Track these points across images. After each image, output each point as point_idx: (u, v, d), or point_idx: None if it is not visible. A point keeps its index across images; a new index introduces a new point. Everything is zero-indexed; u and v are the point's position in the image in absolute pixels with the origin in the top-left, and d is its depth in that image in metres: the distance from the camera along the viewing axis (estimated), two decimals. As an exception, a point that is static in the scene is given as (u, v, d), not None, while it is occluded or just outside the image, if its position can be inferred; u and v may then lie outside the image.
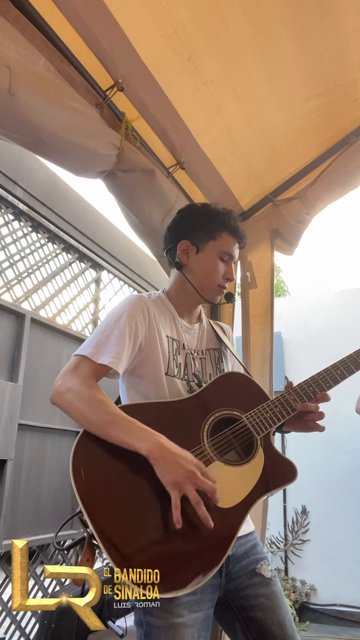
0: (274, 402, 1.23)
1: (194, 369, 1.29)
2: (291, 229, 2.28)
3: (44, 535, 2.60)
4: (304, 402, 1.23)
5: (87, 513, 0.97)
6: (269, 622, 1.12)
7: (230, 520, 1.06)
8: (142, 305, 1.25)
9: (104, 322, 1.21)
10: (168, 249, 1.40)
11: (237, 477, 1.12)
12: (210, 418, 1.17)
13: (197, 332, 1.37)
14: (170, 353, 1.25)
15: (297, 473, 1.16)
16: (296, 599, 3.96)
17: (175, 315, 1.33)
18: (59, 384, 1.09)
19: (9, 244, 2.83)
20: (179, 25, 1.50)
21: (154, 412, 1.14)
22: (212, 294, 1.34)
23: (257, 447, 1.17)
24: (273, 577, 1.18)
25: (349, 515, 4.06)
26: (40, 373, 2.76)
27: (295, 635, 1.14)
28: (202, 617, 1.05)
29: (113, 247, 3.63)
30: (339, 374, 1.26)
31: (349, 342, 4.76)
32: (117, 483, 1.03)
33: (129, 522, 1.00)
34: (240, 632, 1.15)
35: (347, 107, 2.01)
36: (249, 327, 2.30)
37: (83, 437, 1.06)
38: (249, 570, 1.17)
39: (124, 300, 1.27)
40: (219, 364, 1.37)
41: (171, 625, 1.00)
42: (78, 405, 1.06)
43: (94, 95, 1.53)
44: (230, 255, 1.34)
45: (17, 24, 1.28)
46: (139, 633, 1.05)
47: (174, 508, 0.96)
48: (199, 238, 1.33)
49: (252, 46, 1.66)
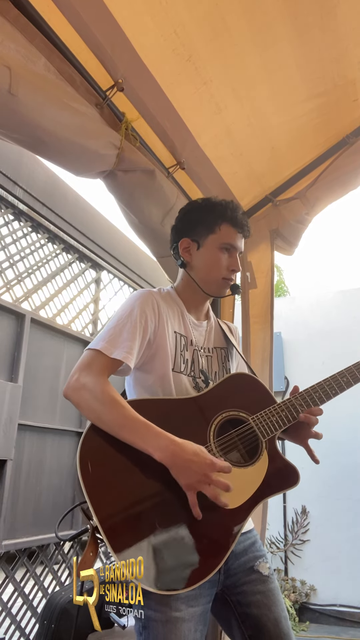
0: (280, 405, 1.22)
1: (200, 366, 1.29)
2: (291, 229, 2.28)
3: (44, 535, 2.60)
4: (310, 407, 1.23)
5: (92, 506, 0.98)
6: (265, 619, 1.13)
7: (233, 520, 1.07)
8: (153, 300, 1.25)
9: (116, 316, 1.21)
10: (173, 249, 1.39)
11: (241, 479, 1.12)
12: (218, 418, 1.17)
13: (205, 330, 1.37)
14: (178, 349, 1.26)
15: (299, 478, 1.17)
16: (296, 599, 3.96)
17: (184, 311, 1.33)
18: (75, 379, 1.10)
19: (9, 244, 2.83)
20: (179, 25, 1.50)
21: (162, 409, 1.15)
22: (218, 288, 1.33)
23: (261, 450, 1.17)
24: (270, 574, 1.19)
25: (349, 515, 4.06)
26: (40, 373, 2.76)
27: (290, 632, 1.15)
28: (199, 611, 1.06)
29: (113, 247, 3.63)
30: (345, 381, 1.25)
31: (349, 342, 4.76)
32: (123, 477, 1.04)
33: (134, 517, 1.01)
34: (236, 627, 1.16)
35: (347, 107, 2.01)
36: (248, 327, 2.30)
37: (91, 431, 1.06)
38: (247, 567, 1.17)
39: (134, 295, 1.27)
40: (225, 363, 1.37)
41: (169, 619, 1.01)
42: (92, 403, 1.07)
43: (94, 95, 1.53)
44: (232, 246, 1.32)
45: (17, 24, 1.28)
46: (137, 626, 1.07)
47: (192, 506, 1.01)
48: (198, 234, 1.33)
49: (252, 46, 1.66)
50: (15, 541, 2.42)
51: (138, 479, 1.04)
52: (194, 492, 1.01)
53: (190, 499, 1.01)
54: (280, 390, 4.41)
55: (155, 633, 1.02)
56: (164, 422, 1.07)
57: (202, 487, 1.00)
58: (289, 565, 4.21)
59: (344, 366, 1.29)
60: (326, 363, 4.13)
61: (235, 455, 1.16)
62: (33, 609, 2.58)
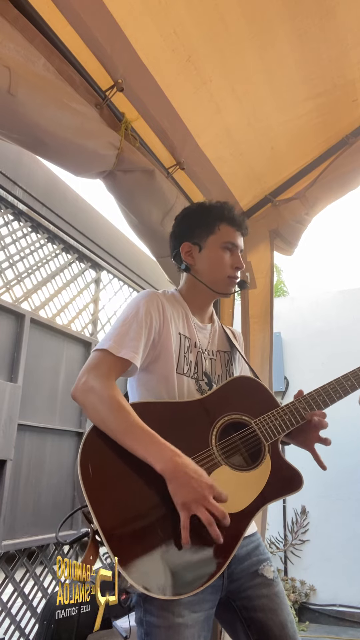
0: (283, 409, 1.22)
1: (204, 368, 1.29)
2: (291, 229, 2.28)
3: (43, 536, 2.60)
4: (313, 411, 1.22)
5: (93, 509, 0.97)
6: (271, 623, 1.12)
7: (235, 525, 1.05)
8: (158, 301, 1.25)
9: (122, 316, 1.21)
10: (174, 255, 1.40)
11: (244, 483, 1.11)
12: (220, 421, 1.16)
13: (209, 332, 1.37)
14: (182, 350, 1.25)
15: (302, 482, 1.16)
16: (296, 599, 3.96)
17: (189, 313, 1.33)
18: (83, 381, 1.09)
19: (9, 244, 2.83)
20: (178, 25, 1.50)
21: (164, 412, 1.14)
22: (225, 286, 1.34)
23: (264, 454, 1.16)
24: (275, 578, 1.18)
25: (348, 515, 4.06)
26: (39, 373, 2.76)
27: (296, 636, 1.14)
28: (202, 617, 1.05)
29: (113, 247, 3.63)
30: (349, 384, 1.25)
31: (348, 342, 4.75)
32: (125, 481, 1.03)
33: (134, 522, 1.00)
34: (242, 632, 1.15)
35: (347, 108, 2.01)
36: (248, 327, 2.30)
37: (92, 434, 1.06)
38: (251, 571, 1.17)
39: (140, 295, 1.27)
40: (229, 367, 1.36)
41: (171, 625, 1.00)
42: (98, 407, 1.06)
43: (94, 95, 1.53)
44: (233, 244, 1.33)
45: (16, 24, 1.28)
46: (140, 632, 1.06)
47: (183, 529, 0.96)
48: (198, 236, 1.34)
49: (251, 46, 1.66)
50: (15, 541, 2.42)
51: (140, 483, 1.02)
52: (188, 513, 0.97)
53: (183, 521, 0.96)
54: (280, 391, 4.41)
55: (157, 639, 1.01)
56: (166, 425, 1.07)
57: (198, 509, 0.97)
58: (289, 565, 4.21)
59: (344, 366, 1.29)
60: (325, 363, 4.13)
61: (237, 458, 1.16)
62: (33, 609, 2.58)
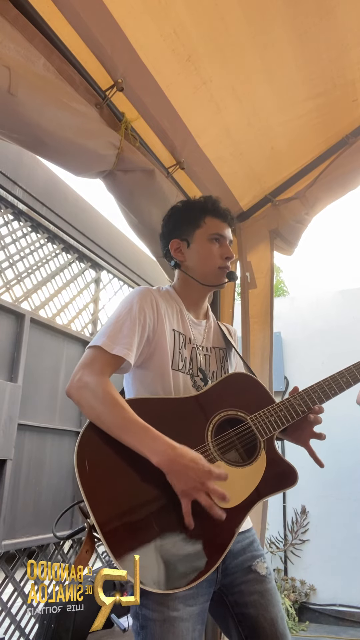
0: (279, 405, 1.23)
1: (199, 364, 1.30)
2: (291, 229, 2.28)
3: (43, 535, 2.60)
4: (309, 407, 1.23)
5: (89, 504, 0.98)
6: (262, 619, 1.13)
7: (230, 520, 1.07)
8: (151, 298, 1.26)
9: (116, 313, 1.22)
10: (165, 254, 1.43)
11: (239, 478, 1.12)
12: (216, 417, 1.17)
13: (204, 329, 1.38)
14: (177, 346, 1.26)
15: (297, 478, 1.16)
16: (296, 599, 3.96)
17: (183, 309, 1.34)
18: (77, 378, 1.11)
19: (9, 244, 2.83)
20: (178, 25, 1.50)
21: (160, 408, 1.15)
22: (216, 277, 1.35)
23: (260, 450, 1.17)
24: (268, 574, 1.19)
25: (348, 515, 4.06)
26: (39, 373, 2.76)
27: (287, 633, 1.15)
28: (197, 610, 1.06)
29: (113, 247, 3.63)
30: (344, 381, 1.26)
31: (348, 342, 4.76)
32: (121, 476, 1.04)
33: (131, 516, 1.01)
34: (233, 627, 1.16)
35: (347, 108, 2.01)
36: (248, 327, 2.30)
37: (89, 430, 1.07)
38: (245, 566, 1.17)
39: (133, 292, 1.28)
40: (224, 363, 1.37)
41: (167, 619, 1.01)
42: (93, 403, 1.07)
43: (94, 95, 1.53)
44: (220, 235, 1.35)
45: (16, 24, 1.28)
46: (135, 625, 1.07)
47: (185, 515, 1.00)
48: (186, 232, 1.36)
49: (251, 46, 1.66)
50: (15, 541, 2.42)
51: (136, 478, 1.04)
52: (189, 499, 1.00)
53: (184, 507, 1.00)
54: (280, 390, 4.41)
55: (153, 633, 1.02)
56: (162, 421, 1.07)
57: (198, 494, 1.00)
58: (289, 565, 4.21)
59: (344, 366, 1.29)
60: (325, 363, 4.13)
61: (233, 454, 1.16)
62: (33, 609, 2.58)
